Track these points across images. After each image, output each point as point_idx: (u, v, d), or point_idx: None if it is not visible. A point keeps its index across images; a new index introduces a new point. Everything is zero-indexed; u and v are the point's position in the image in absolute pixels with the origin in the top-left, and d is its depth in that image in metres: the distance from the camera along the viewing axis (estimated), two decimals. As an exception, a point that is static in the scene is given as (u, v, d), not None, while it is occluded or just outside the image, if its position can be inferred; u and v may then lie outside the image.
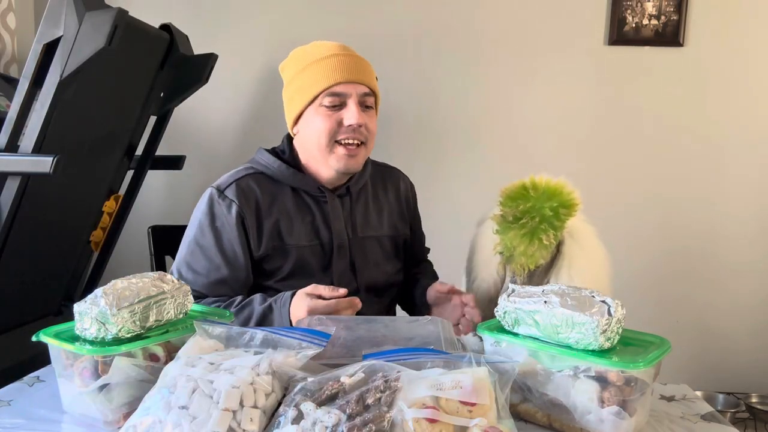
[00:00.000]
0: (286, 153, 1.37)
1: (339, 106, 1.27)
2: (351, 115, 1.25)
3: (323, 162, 1.30)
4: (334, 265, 1.34)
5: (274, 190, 1.32)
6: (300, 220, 1.32)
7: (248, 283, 1.31)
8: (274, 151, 1.38)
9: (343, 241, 1.35)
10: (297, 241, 1.31)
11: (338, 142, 1.27)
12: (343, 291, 1.14)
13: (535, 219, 1.16)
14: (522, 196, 1.20)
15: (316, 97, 1.26)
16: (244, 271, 1.29)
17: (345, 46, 1.32)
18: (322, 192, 1.34)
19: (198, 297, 1.26)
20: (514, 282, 1.21)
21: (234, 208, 1.27)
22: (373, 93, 1.31)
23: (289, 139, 1.39)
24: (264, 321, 1.20)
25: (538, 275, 1.24)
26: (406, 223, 1.51)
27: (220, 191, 1.29)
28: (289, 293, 1.20)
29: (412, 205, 1.55)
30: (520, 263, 1.18)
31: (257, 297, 1.25)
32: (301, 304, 1.15)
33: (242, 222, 1.27)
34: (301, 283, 1.26)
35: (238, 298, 1.26)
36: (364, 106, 1.29)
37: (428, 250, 1.66)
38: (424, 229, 1.63)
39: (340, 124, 1.26)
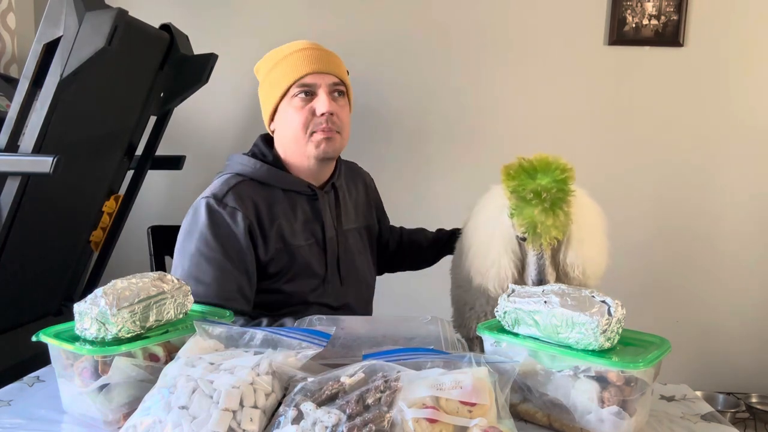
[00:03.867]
0: (267, 156, 1.37)
1: (310, 96, 1.29)
2: (321, 103, 1.28)
3: (302, 153, 1.32)
4: (328, 258, 1.35)
5: (267, 194, 1.31)
6: (295, 220, 1.33)
7: (254, 288, 1.29)
8: (253, 155, 1.37)
9: (333, 235, 1.37)
10: (298, 242, 1.32)
11: (314, 132, 1.29)
12: None
13: (553, 190, 1.14)
14: (527, 172, 1.18)
15: (287, 90, 1.29)
16: (253, 276, 1.28)
17: (314, 42, 1.35)
18: (313, 190, 1.35)
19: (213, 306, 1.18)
20: (541, 259, 1.17)
21: (239, 216, 1.25)
22: (343, 83, 1.33)
23: (264, 141, 1.41)
24: None
25: (557, 248, 1.21)
26: (374, 214, 1.58)
27: (218, 200, 1.26)
28: None
29: (377, 196, 1.63)
30: (549, 237, 1.14)
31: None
32: None
33: (249, 228, 1.26)
34: (306, 282, 1.29)
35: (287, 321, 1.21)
36: (335, 95, 1.31)
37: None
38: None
39: (312, 113, 1.29)
